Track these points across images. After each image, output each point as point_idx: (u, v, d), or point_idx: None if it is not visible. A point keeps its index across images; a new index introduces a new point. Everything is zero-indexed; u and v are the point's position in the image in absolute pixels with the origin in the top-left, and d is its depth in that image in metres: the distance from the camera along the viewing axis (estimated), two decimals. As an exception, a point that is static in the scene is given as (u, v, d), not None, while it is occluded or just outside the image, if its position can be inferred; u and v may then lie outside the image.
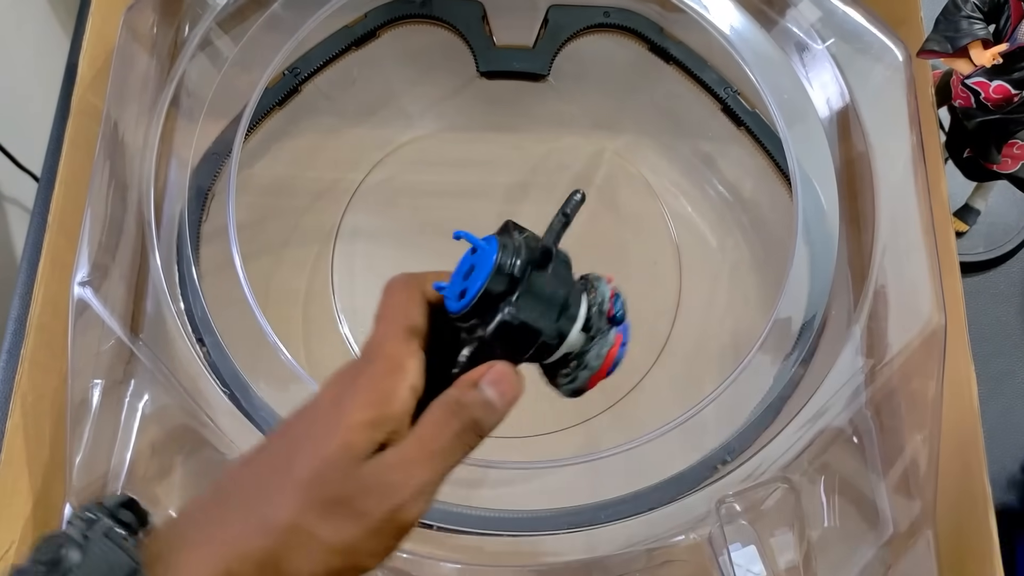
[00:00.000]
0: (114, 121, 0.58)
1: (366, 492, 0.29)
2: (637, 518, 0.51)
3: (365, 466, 0.29)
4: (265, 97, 0.63)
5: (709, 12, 0.62)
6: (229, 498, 0.30)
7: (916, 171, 0.57)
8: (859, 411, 0.53)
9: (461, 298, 0.32)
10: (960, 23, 0.59)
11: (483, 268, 0.32)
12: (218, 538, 0.29)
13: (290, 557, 0.28)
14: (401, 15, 0.68)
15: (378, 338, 0.32)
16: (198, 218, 0.61)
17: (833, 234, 0.58)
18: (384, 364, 0.31)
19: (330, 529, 0.29)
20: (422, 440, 0.31)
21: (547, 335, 0.33)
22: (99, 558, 0.28)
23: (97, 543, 0.28)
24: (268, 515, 0.29)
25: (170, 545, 0.29)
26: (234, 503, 0.30)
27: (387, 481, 0.29)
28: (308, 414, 0.32)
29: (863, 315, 0.55)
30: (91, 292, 0.53)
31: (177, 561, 0.28)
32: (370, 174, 0.66)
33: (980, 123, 0.61)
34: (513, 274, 0.32)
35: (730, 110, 0.66)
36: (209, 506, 0.30)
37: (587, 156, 0.67)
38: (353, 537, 0.29)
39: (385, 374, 0.31)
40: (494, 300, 0.32)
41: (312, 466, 0.29)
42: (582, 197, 0.35)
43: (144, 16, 0.62)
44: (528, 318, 0.32)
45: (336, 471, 0.29)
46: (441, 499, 0.52)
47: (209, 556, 0.28)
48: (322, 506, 0.29)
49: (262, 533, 0.28)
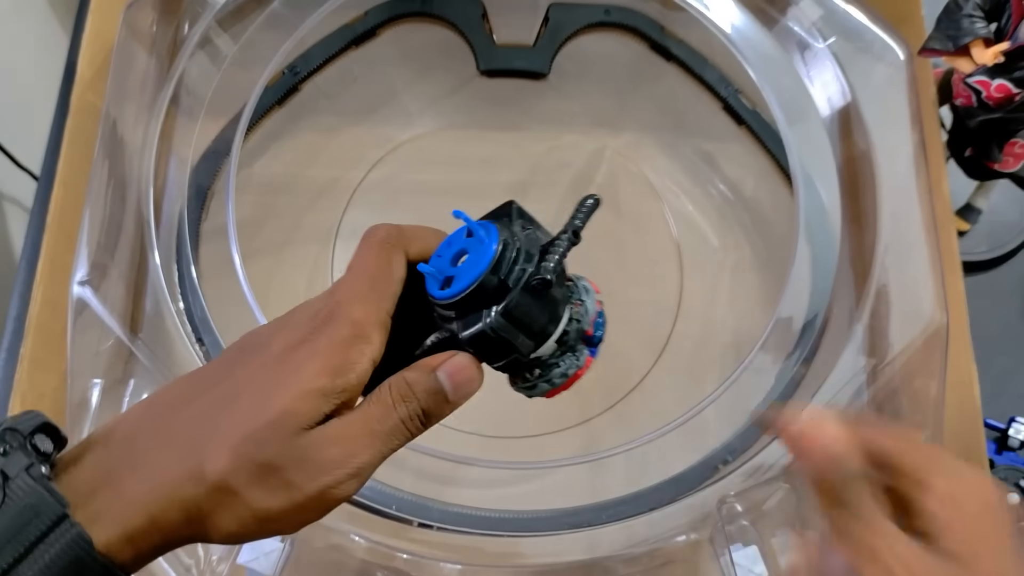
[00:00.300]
0: (113, 120, 0.58)
1: (301, 464, 0.28)
2: (638, 518, 0.51)
3: (305, 436, 0.28)
4: (265, 96, 0.63)
5: (710, 11, 0.62)
6: (161, 435, 0.28)
7: (918, 170, 0.57)
8: (861, 411, 0.53)
9: (446, 285, 0.30)
10: (961, 21, 0.59)
11: (476, 262, 0.30)
12: (147, 481, 0.27)
13: (215, 512, 0.27)
14: (401, 13, 0.68)
15: (348, 294, 0.30)
16: (198, 217, 0.60)
17: (835, 233, 0.58)
18: (349, 330, 0.29)
19: (257, 495, 0.27)
20: (368, 420, 0.29)
21: (522, 353, 0.31)
22: (20, 501, 0.25)
23: (17, 483, 0.25)
24: (200, 466, 0.27)
25: (94, 483, 0.27)
26: (166, 442, 0.28)
27: (324, 457, 0.28)
28: (256, 355, 0.30)
29: (865, 314, 0.55)
30: (90, 291, 0.53)
31: (103, 505, 0.27)
32: (370, 173, 0.66)
33: (982, 122, 0.61)
34: (507, 281, 0.30)
35: (731, 109, 0.66)
36: (139, 439, 0.28)
37: (588, 155, 0.67)
38: (278, 508, 0.28)
39: (348, 342, 0.29)
40: (479, 301, 0.30)
41: (251, 426, 0.27)
42: (595, 203, 0.32)
43: (143, 14, 0.62)
44: (509, 334, 0.30)
45: (275, 437, 0.27)
46: (441, 499, 0.52)
47: (136, 500, 0.27)
48: (254, 470, 0.27)
49: (192, 482, 0.27)
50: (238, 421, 0.28)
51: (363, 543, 0.50)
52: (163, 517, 0.27)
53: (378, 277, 0.30)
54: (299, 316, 0.30)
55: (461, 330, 0.30)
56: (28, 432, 0.27)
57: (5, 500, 0.25)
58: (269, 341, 0.30)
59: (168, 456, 0.27)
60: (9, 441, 0.26)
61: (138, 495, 0.27)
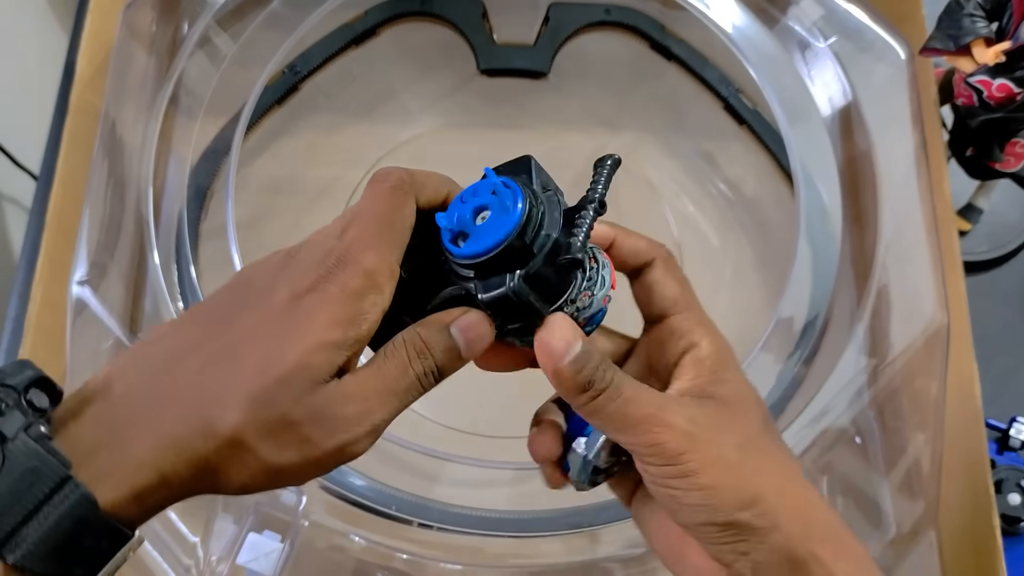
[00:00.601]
0: (112, 119, 0.58)
1: (317, 421, 0.27)
2: (638, 518, 0.51)
3: (321, 391, 0.27)
4: (264, 95, 0.63)
5: (711, 10, 0.62)
6: (165, 389, 0.27)
7: (919, 170, 0.57)
8: (862, 411, 0.53)
9: (461, 239, 0.29)
10: (963, 21, 0.59)
11: (502, 224, 0.28)
12: (154, 438, 0.26)
13: (226, 466, 0.26)
14: (401, 12, 0.67)
15: (359, 240, 0.28)
16: (197, 217, 0.60)
17: (835, 233, 0.57)
18: (361, 280, 0.28)
19: (272, 450, 0.26)
20: (385, 377, 0.28)
21: (538, 320, 0.30)
22: (21, 464, 0.24)
23: (16, 444, 0.24)
24: (211, 420, 0.26)
25: (96, 441, 0.26)
26: (171, 397, 0.27)
27: (342, 414, 0.27)
28: (259, 301, 0.28)
29: (866, 314, 0.55)
30: (89, 291, 0.53)
31: (107, 464, 0.25)
32: (370, 172, 0.66)
33: (983, 121, 0.61)
34: (532, 247, 0.29)
35: (732, 108, 0.66)
36: (140, 394, 0.27)
37: (588, 154, 0.67)
38: (291, 462, 0.27)
39: (360, 292, 0.28)
40: (501, 263, 0.29)
41: (263, 379, 0.26)
42: (615, 163, 0.31)
43: (143, 14, 0.62)
44: (532, 299, 0.29)
45: (289, 392, 0.26)
46: (441, 499, 0.52)
47: (143, 457, 0.26)
48: (268, 425, 0.26)
49: (202, 437, 0.26)
50: (249, 373, 0.27)
51: (363, 543, 0.50)
52: (172, 473, 0.26)
53: (389, 224, 0.29)
54: (304, 259, 0.29)
55: (481, 291, 0.29)
56: (23, 388, 0.26)
57: (5, 463, 0.24)
58: (272, 285, 0.28)
59: (175, 412, 0.26)
60: (3, 399, 0.25)
61: (145, 453, 0.26)
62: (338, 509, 0.50)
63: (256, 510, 0.48)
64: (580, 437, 0.32)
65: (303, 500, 0.49)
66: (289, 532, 0.48)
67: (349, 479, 0.51)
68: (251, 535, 0.47)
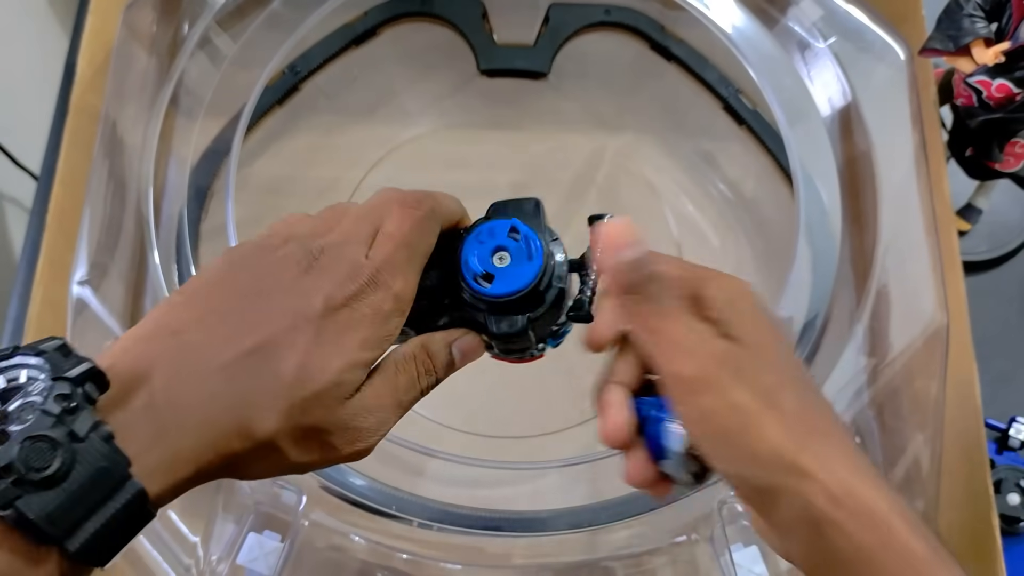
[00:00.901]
0: (113, 120, 0.58)
1: (341, 430, 0.30)
2: (638, 518, 0.51)
3: (348, 405, 0.30)
4: (265, 95, 0.63)
5: (710, 10, 0.62)
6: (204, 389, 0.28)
7: (918, 170, 0.57)
8: (861, 411, 0.53)
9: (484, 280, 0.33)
10: (962, 21, 0.59)
11: (522, 273, 0.33)
12: (196, 437, 0.28)
13: (253, 461, 0.29)
14: (401, 13, 0.67)
15: (390, 265, 0.31)
16: (197, 217, 0.60)
17: (835, 233, 0.58)
18: (391, 304, 0.31)
19: (299, 452, 0.29)
20: (397, 392, 0.32)
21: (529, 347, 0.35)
22: (93, 464, 0.25)
23: (89, 444, 0.25)
24: (250, 424, 0.28)
25: (148, 440, 0.27)
26: (211, 398, 0.28)
27: (363, 425, 0.30)
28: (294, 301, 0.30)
29: (865, 314, 0.55)
30: (90, 291, 0.53)
31: (157, 462, 0.27)
32: (370, 172, 0.66)
33: (982, 122, 0.61)
34: (544, 295, 0.33)
35: (732, 109, 0.66)
36: (182, 392, 0.28)
37: (588, 154, 0.67)
38: (314, 462, 0.30)
39: (389, 315, 0.31)
40: (515, 305, 0.33)
41: (303, 392, 0.29)
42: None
43: (143, 14, 0.62)
44: (535, 334, 0.34)
45: (321, 406, 0.29)
46: (441, 499, 0.52)
47: (186, 456, 0.28)
48: (299, 433, 0.29)
49: (240, 438, 0.28)
50: (288, 382, 0.29)
51: (363, 543, 0.50)
52: (206, 467, 0.28)
53: (417, 252, 0.32)
54: (333, 269, 0.30)
55: (494, 325, 0.33)
56: (81, 382, 0.26)
57: (77, 463, 0.25)
58: (303, 289, 0.30)
59: (216, 413, 0.28)
60: (71, 396, 0.26)
61: (188, 452, 0.28)
62: (338, 509, 0.50)
63: (256, 510, 0.48)
64: (667, 424, 0.32)
65: (303, 500, 0.49)
66: (289, 532, 0.48)
67: (349, 479, 0.51)
68: (251, 535, 0.48)
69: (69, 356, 0.27)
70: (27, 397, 0.26)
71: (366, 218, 0.32)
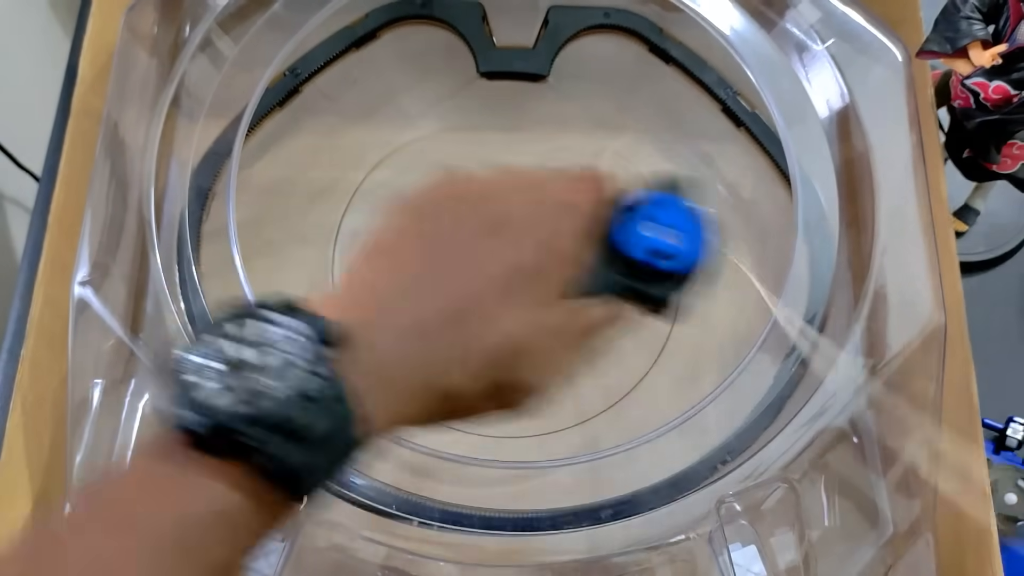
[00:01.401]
0: (114, 121, 0.58)
1: (526, 389, 0.32)
2: (637, 518, 0.51)
3: (530, 366, 0.32)
4: (265, 97, 0.63)
5: (709, 13, 0.62)
6: (416, 352, 0.30)
7: (916, 171, 0.57)
8: (859, 411, 0.53)
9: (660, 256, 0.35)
10: (959, 23, 0.59)
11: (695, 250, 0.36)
12: (401, 398, 0.30)
13: (439, 415, 0.31)
14: (401, 15, 0.68)
15: (573, 240, 0.33)
16: (198, 218, 0.61)
17: (833, 234, 0.58)
18: (568, 271, 0.33)
19: (484, 407, 0.32)
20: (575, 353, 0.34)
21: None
22: (331, 422, 0.27)
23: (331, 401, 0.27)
24: (448, 390, 0.30)
25: (365, 392, 0.28)
26: (423, 359, 0.30)
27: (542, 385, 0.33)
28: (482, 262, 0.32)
29: (863, 315, 0.55)
30: (91, 292, 0.53)
31: (370, 414, 0.28)
32: (371, 174, 0.66)
33: (979, 123, 0.62)
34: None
35: (730, 111, 0.66)
36: (397, 353, 0.30)
37: (587, 156, 0.67)
38: (488, 415, 0.32)
39: (561, 284, 0.33)
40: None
41: (500, 355, 0.31)
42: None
43: (144, 16, 0.62)
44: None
45: (512, 365, 0.31)
46: (441, 499, 0.52)
47: (391, 416, 0.29)
48: (487, 391, 0.31)
49: (441, 399, 0.30)
50: (489, 347, 0.31)
51: (364, 543, 0.50)
52: (401, 422, 0.30)
53: (600, 223, 0.35)
54: (520, 236, 0.32)
55: (655, 290, 0.35)
56: (322, 340, 0.28)
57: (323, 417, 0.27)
58: (487, 251, 0.32)
59: (423, 377, 0.30)
60: (331, 357, 0.27)
61: (391, 413, 0.29)
62: (338, 508, 0.50)
63: (257, 509, 0.49)
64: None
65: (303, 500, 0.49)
66: (289, 532, 0.48)
67: (349, 478, 0.51)
68: (252, 534, 0.48)
69: (306, 315, 0.28)
70: (287, 354, 0.27)
71: (551, 188, 0.34)
